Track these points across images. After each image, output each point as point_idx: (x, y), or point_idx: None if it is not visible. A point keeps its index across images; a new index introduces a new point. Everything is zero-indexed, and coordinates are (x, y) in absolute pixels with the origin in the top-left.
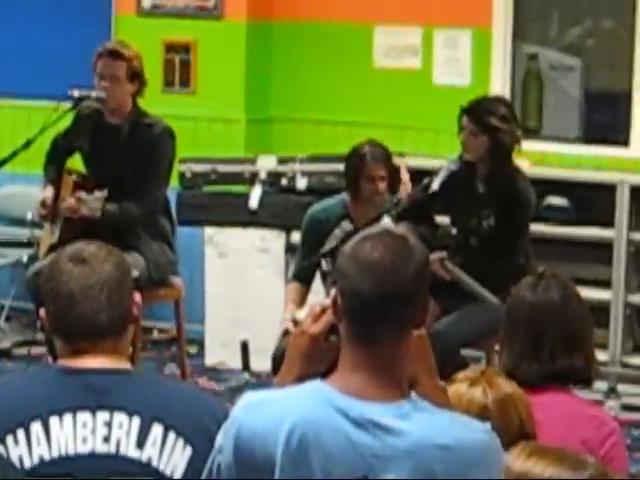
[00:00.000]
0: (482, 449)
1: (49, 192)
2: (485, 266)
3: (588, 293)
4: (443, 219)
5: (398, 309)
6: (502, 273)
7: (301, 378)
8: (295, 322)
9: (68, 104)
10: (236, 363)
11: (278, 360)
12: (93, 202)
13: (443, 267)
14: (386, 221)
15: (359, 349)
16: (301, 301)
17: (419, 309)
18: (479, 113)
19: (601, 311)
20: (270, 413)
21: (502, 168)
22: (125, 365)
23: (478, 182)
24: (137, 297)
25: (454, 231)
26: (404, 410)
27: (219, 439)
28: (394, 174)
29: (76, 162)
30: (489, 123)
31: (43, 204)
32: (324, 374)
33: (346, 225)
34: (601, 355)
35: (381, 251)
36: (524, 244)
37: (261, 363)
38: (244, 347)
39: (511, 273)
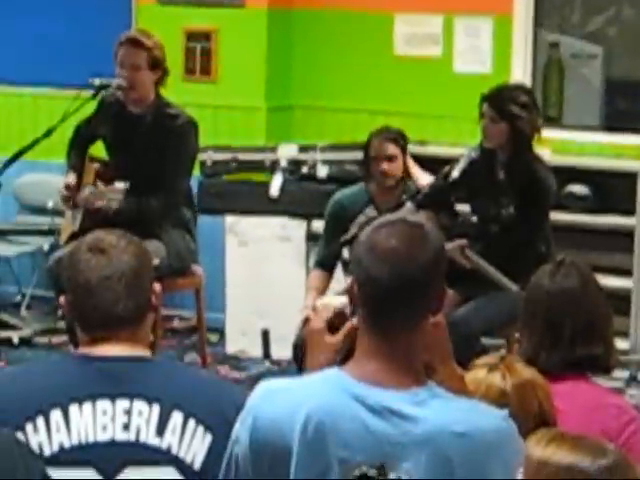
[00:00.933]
0: (499, 436)
1: (71, 178)
2: (506, 254)
3: (609, 281)
4: (463, 207)
5: (414, 297)
6: (523, 261)
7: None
8: (315, 310)
9: (89, 93)
10: (257, 351)
11: (299, 348)
12: (111, 194)
13: (463, 255)
14: (408, 208)
15: (375, 337)
16: (323, 289)
17: (435, 297)
18: (500, 100)
19: (622, 299)
20: (286, 401)
21: (522, 156)
22: (145, 353)
23: (498, 169)
24: (157, 287)
25: (474, 219)
26: (420, 397)
27: (236, 429)
28: (407, 155)
29: (99, 149)
30: (509, 110)
31: (67, 187)
32: (342, 361)
33: (370, 212)
34: (622, 343)
35: (397, 239)
36: (545, 232)
37: (282, 351)
38: (265, 335)
39: (532, 261)
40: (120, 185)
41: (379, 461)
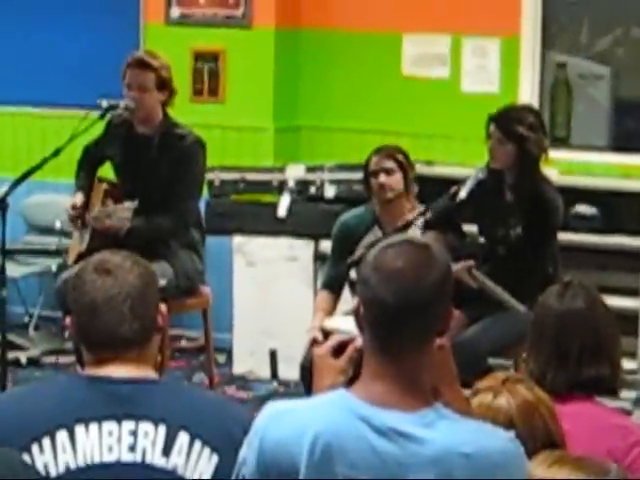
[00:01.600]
0: (505, 457)
1: (79, 198)
2: (513, 275)
3: (616, 302)
4: (470, 228)
5: (420, 319)
6: (530, 282)
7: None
8: (323, 331)
9: (97, 113)
10: (264, 372)
11: (306, 369)
12: (121, 212)
13: (470, 275)
14: (414, 231)
15: (381, 358)
16: (330, 310)
17: (441, 318)
18: (507, 121)
19: (630, 320)
20: (293, 423)
21: (530, 176)
22: (151, 374)
23: (506, 190)
24: (163, 308)
25: (482, 240)
26: (428, 419)
27: (243, 451)
28: (407, 170)
29: (108, 171)
30: (516, 131)
31: (73, 207)
32: (349, 382)
33: (376, 232)
34: (630, 364)
35: (403, 260)
36: (553, 253)
37: (290, 372)
38: (273, 356)
39: (539, 282)
40: (129, 204)
41: None
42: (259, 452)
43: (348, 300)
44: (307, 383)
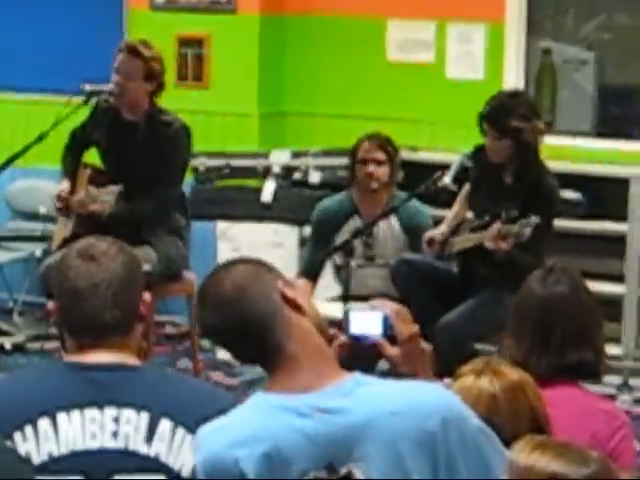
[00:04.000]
0: (427, 399)
1: (65, 185)
2: (507, 260)
3: (601, 287)
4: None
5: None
6: (522, 268)
7: None
8: None
9: (81, 98)
10: None
11: None
12: (105, 196)
13: (443, 247)
14: (392, 221)
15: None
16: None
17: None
18: (498, 117)
19: (614, 305)
20: (222, 440)
21: (530, 165)
22: (133, 361)
23: (505, 175)
24: (147, 296)
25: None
26: (345, 389)
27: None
28: (395, 163)
29: (94, 156)
30: (510, 126)
31: (59, 197)
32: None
33: (356, 220)
34: (614, 349)
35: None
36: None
37: None
38: None
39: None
40: (113, 188)
41: (326, 461)
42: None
43: (331, 286)
44: None
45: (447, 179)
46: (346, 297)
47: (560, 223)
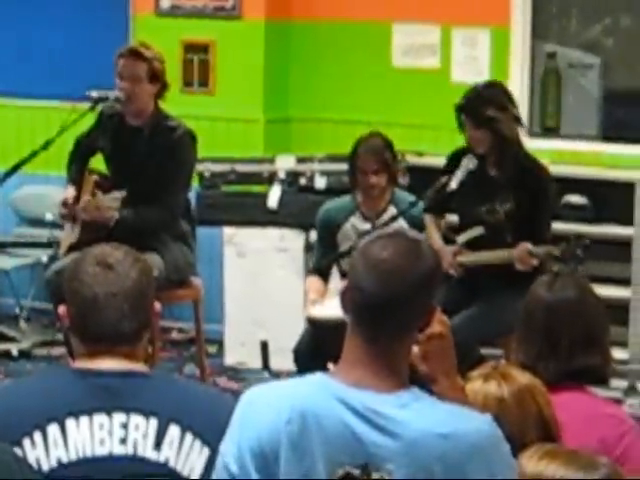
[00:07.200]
0: (481, 438)
1: (70, 192)
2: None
3: (607, 291)
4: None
5: (398, 310)
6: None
7: None
8: (311, 320)
9: (86, 105)
10: (256, 362)
11: (300, 352)
12: (109, 202)
13: (455, 260)
14: (401, 224)
15: (359, 343)
16: (321, 293)
17: (421, 314)
18: (474, 107)
19: (620, 309)
20: (270, 406)
21: (511, 153)
22: (141, 367)
23: (489, 167)
24: (157, 306)
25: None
26: (403, 400)
27: (224, 445)
28: (394, 166)
29: (100, 163)
30: (486, 115)
31: (64, 204)
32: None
33: (355, 220)
34: (621, 353)
35: (390, 251)
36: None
37: (281, 362)
38: (264, 346)
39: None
40: (117, 194)
41: (363, 461)
42: (240, 440)
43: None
44: (300, 367)
45: (454, 184)
46: None
47: (565, 227)
